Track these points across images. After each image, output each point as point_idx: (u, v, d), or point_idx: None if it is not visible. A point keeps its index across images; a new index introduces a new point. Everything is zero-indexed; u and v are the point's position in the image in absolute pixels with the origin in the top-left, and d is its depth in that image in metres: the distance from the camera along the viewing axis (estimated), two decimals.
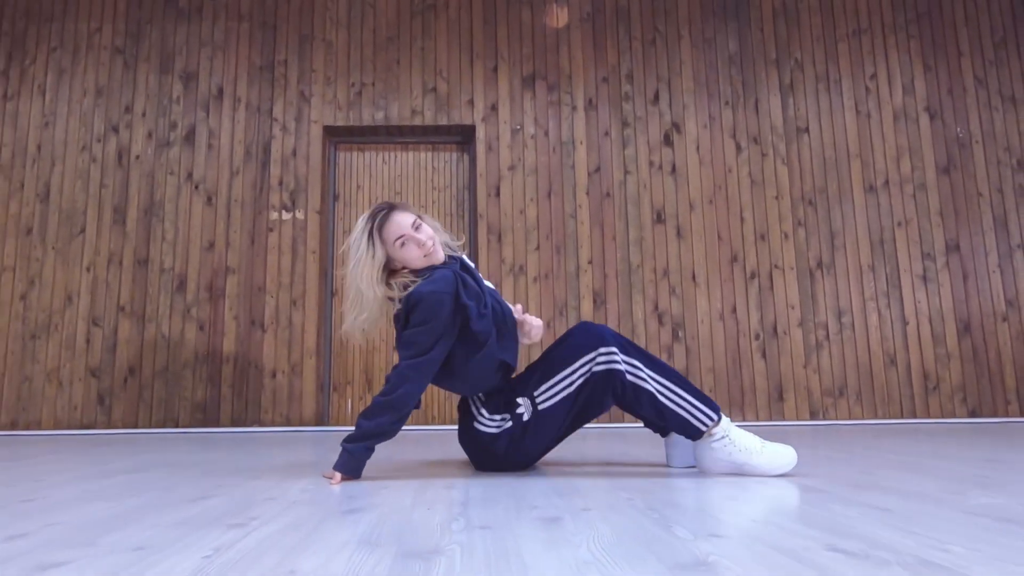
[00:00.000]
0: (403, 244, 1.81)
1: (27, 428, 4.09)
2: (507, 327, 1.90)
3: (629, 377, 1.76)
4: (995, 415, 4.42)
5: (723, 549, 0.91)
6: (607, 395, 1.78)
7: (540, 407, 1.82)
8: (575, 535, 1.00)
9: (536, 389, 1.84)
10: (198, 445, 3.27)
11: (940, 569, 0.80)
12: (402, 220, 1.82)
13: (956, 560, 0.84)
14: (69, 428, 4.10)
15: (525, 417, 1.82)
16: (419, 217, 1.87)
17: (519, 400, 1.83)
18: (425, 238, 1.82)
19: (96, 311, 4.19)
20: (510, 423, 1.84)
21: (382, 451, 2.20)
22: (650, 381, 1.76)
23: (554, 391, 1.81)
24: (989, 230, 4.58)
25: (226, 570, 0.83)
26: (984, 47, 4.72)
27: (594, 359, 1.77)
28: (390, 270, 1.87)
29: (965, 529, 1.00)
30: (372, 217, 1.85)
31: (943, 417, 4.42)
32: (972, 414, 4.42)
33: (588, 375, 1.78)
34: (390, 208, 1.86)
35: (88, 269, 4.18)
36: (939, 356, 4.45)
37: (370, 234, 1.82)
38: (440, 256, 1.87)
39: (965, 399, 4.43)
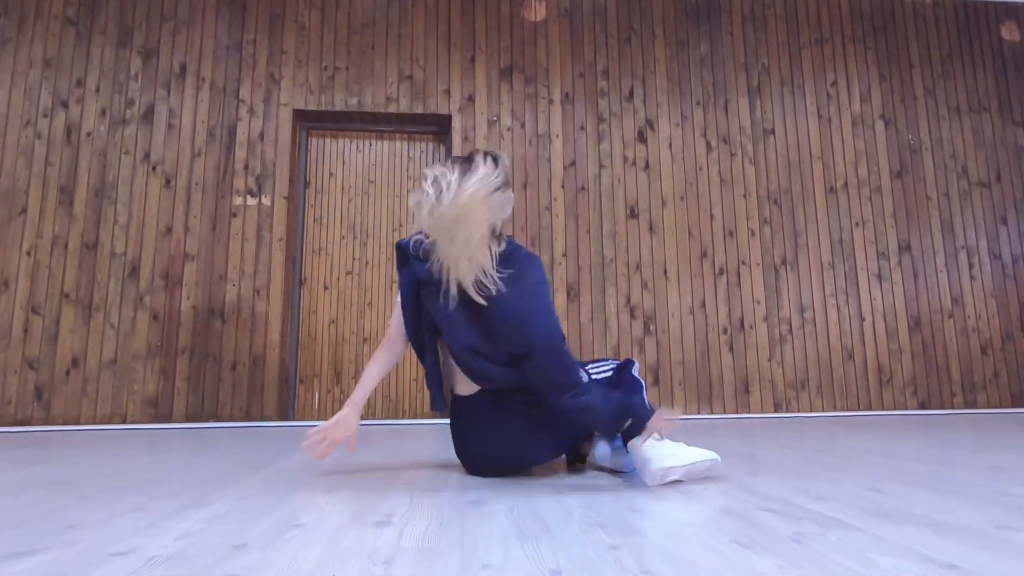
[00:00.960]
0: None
1: None
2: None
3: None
4: (942, 407, 3.28)
5: None
6: None
7: None
8: None
9: None
10: (146, 442, 1.91)
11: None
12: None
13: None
14: (1, 425, 2.71)
15: None
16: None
17: None
18: None
19: (36, 298, 2.55)
20: None
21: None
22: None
23: None
24: (937, 231, 3.43)
25: None
26: (933, 60, 3.56)
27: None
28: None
29: None
30: (509, 170, 1.11)
31: (895, 409, 3.26)
32: (922, 406, 3.27)
33: None
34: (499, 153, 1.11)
35: (28, 253, 2.53)
36: (892, 351, 3.29)
37: (507, 184, 1.08)
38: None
39: (916, 391, 3.28)
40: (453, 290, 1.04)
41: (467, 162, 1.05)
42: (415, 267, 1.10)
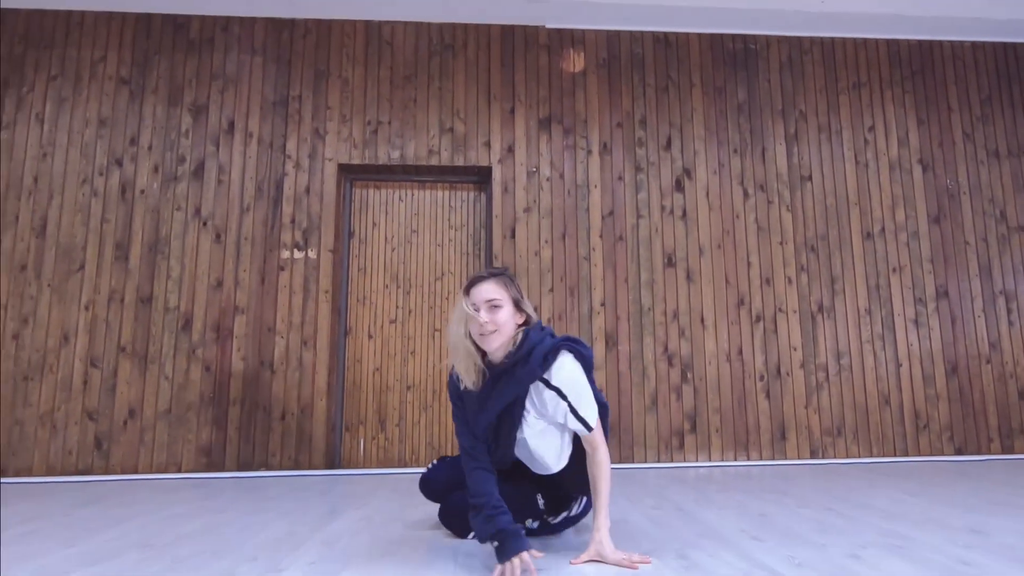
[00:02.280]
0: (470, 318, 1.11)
1: (17, 475, 2.52)
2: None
3: None
4: (979, 452, 3.26)
5: None
6: None
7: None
8: None
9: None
10: (203, 494, 1.91)
11: None
12: (478, 292, 1.11)
13: None
14: (63, 474, 2.50)
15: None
16: (507, 295, 1.10)
17: None
18: (484, 320, 1.08)
19: (95, 351, 2.59)
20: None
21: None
22: None
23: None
24: (975, 277, 3.39)
25: None
26: (972, 104, 3.50)
27: None
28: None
29: None
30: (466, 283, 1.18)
31: (932, 455, 3.23)
32: (958, 452, 3.24)
33: None
34: (486, 276, 1.14)
35: (87, 307, 2.58)
36: (929, 396, 3.27)
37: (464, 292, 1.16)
38: (492, 345, 1.08)
39: (952, 437, 3.26)
40: None
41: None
42: None
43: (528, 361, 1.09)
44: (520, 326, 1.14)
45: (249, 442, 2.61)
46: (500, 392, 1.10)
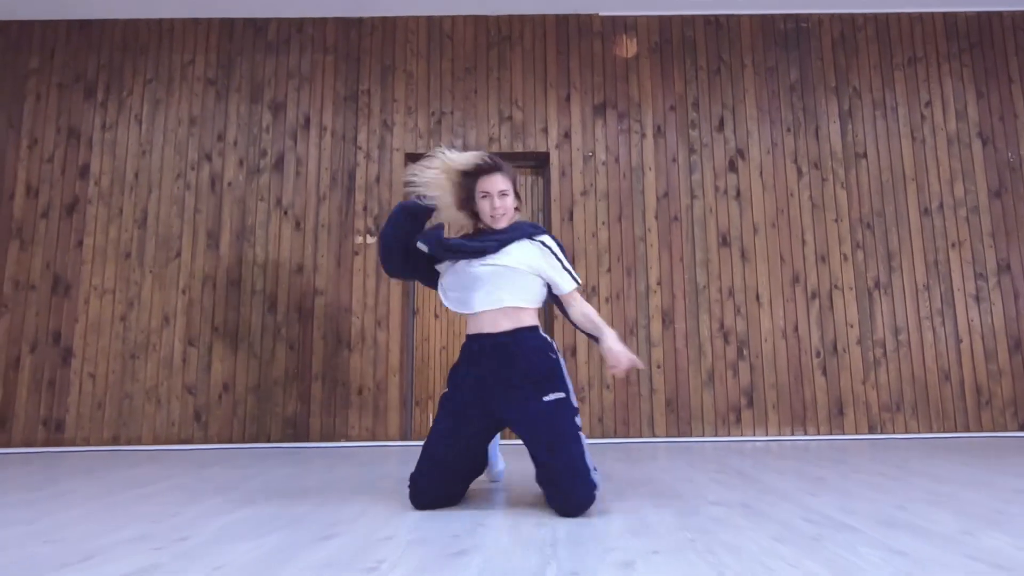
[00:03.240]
0: (483, 197, 1.32)
1: (128, 443, 2.71)
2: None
3: None
4: None
5: None
6: None
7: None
8: None
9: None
10: (294, 462, 2.14)
11: None
12: (493, 183, 1.31)
13: None
14: (168, 443, 2.71)
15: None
16: (511, 184, 1.32)
17: None
18: (498, 205, 1.31)
19: (191, 331, 2.81)
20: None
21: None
22: None
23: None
24: None
25: None
26: None
27: None
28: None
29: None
30: (480, 160, 1.32)
31: (995, 430, 3.20)
32: (1022, 427, 3.23)
33: None
34: (496, 167, 1.31)
35: (183, 291, 2.81)
36: (991, 372, 3.23)
37: (464, 173, 1.31)
38: (500, 225, 1.34)
39: (1016, 413, 3.21)
40: None
41: None
42: None
43: (520, 226, 1.34)
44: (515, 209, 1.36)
45: (330, 415, 2.81)
46: (501, 235, 1.30)
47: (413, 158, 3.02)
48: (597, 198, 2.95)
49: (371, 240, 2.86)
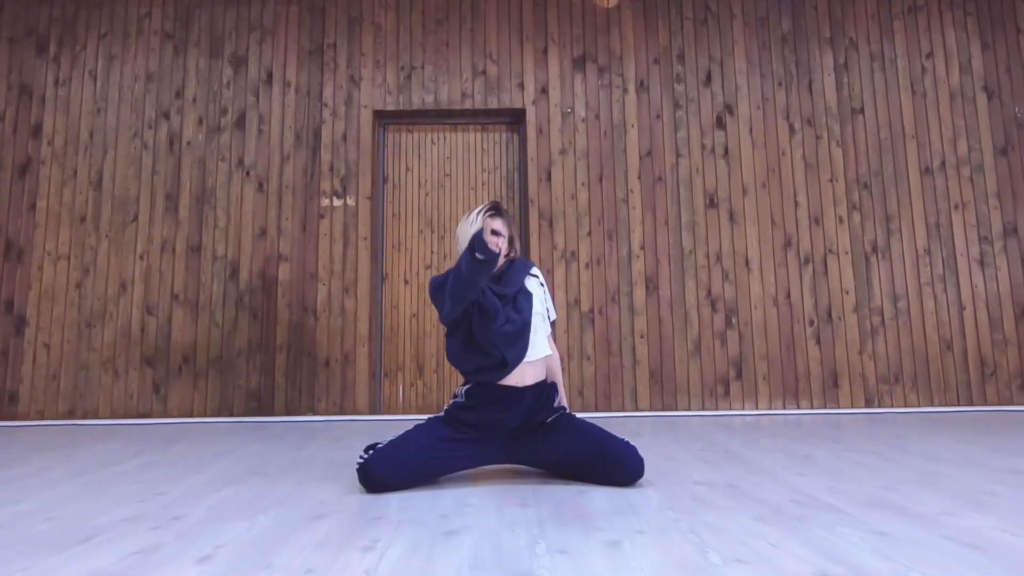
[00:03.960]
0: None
1: (84, 417, 2.55)
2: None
3: None
4: None
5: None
6: None
7: None
8: (632, 559, 0.81)
9: None
10: (262, 437, 2.02)
11: None
12: (497, 223, 1.36)
13: None
14: (125, 417, 2.55)
15: None
16: (509, 230, 1.38)
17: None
18: (499, 241, 1.33)
19: (150, 299, 2.64)
20: None
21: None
22: None
23: None
24: None
25: None
26: None
27: None
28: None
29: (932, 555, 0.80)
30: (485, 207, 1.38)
31: (1000, 404, 3.02)
32: None
33: None
34: (498, 213, 1.37)
35: (141, 257, 2.64)
36: (996, 342, 3.04)
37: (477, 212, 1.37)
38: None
39: (1023, 385, 3.07)
40: None
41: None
42: None
43: (516, 262, 1.38)
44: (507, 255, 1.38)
45: (296, 387, 2.67)
46: (510, 276, 1.33)
47: (382, 115, 2.87)
48: (576, 157, 2.79)
49: (338, 203, 2.71)
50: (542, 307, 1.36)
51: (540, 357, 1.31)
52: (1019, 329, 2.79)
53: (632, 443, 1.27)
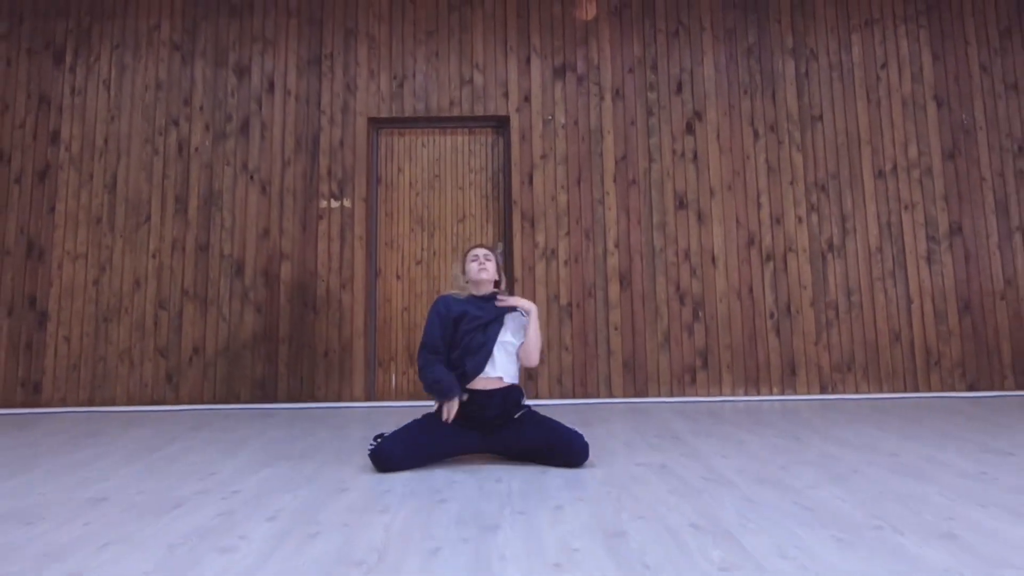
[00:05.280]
0: (472, 260, 1.71)
1: (103, 404, 2.74)
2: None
3: None
4: (992, 389, 3.29)
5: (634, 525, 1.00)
6: None
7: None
8: (568, 517, 1.10)
9: None
10: (275, 425, 2.22)
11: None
12: (482, 251, 1.72)
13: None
14: (141, 404, 2.73)
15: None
16: (490, 258, 1.71)
17: None
18: (483, 263, 1.70)
19: (162, 295, 2.84)
20: None
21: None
22: None
23: None
24: (991, 213, 3.36)
25: (417, 535, 0.99)
26: (990, 36, 3.42)
27: None
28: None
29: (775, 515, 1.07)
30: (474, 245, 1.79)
31: (943, 391, 3.24)
32: (971, 388, 3.24)
33: None
34: (481, 246, 1.74)
35: (154, 256, 2.84)
36: (940, 333, 3.28)
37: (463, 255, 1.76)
38: (481, 277, 1.67)
39: (964, 374, 3.27)
40: None
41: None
42: None
43: (495, 295, 1.66)
44: (495, 283, 1.66)
45: (297, 376, 2.90)
46: (490, 306, 1.61)
47: (376, 123, 3.06)
48: (557, 161, 2.99)
49: (335, 204, 2.92)
50: (515, 339, 1.60)
51: (498, 375, 1.55)
52: (962, 322, 3.02)
53: (579, 431, 1.56)
